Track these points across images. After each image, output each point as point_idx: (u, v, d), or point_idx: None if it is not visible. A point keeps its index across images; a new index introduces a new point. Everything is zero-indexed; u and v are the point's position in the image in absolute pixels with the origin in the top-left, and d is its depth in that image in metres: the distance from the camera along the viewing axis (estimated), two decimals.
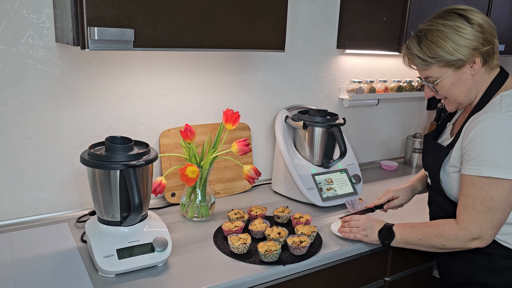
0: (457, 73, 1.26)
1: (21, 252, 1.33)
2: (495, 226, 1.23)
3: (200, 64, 1.78)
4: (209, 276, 1.24)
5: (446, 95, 1.32)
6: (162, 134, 1.73)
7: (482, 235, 1.23)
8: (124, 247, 1.24)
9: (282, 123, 1.90)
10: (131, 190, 1.21)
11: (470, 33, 1.22)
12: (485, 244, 1.25)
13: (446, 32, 1.23)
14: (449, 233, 1.27)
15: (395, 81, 2.35)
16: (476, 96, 1.31)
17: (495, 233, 1.24)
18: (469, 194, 1.23)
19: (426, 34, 1.26)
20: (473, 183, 1.22)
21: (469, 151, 1.23)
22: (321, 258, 1.39)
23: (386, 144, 2.53)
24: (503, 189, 1.19)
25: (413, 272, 1.69)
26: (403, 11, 1.79)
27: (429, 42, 1.24)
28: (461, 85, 1.28)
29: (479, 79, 1.29)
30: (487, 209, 1.21)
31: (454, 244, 1.27)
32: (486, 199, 1.20)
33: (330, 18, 2.08)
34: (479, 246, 1.25)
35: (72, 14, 1.17)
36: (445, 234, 1.28)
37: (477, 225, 1.23)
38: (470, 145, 1.22)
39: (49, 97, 1.50)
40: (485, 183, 1.20)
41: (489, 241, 1.25)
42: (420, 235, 1.33)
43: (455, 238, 1.26)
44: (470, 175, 1.23)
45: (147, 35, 1.23)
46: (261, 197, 1.88)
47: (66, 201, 1.60)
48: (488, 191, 1.20)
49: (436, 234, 1.30)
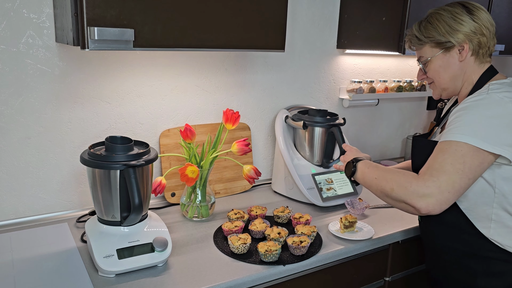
0: (446, 56, 1.33)
1: (21, 252, 1.33)
2: (454, 192, 1.16)
3: (200, 64, 1.78)
4: (209, 276, 1.24)
5: (433, 78, 1.38)
6: (162, 134, 1.73)
7: (435, 194, 1.15)
8: (124, 247, 1.24)
9: (282, 123, 1.90)
10: (131, 190, 1.21)
11: (465, 20, 1.30)
12: (432, 209, 1.16)
13: (444, 16, 1.32)
14: (404, 179, 1.20)
15: (395, 81, 2.35)
16: (462, 87, 1.35)
17: (449, 201, 1.17)
18: (440, 155, 1.19)
19: (428, 17, 1.36)
20: (449, 146, 1.18)
21: (452, 124, 1.22)
22: (321, 258, 1.39)
23: (386, 144, 2.53)
24: (477, 159, 1.16)
25: (413, 272, 1.69)
26: (403, 11, 1.79)
27: (427, 23, 1.35)
28: (448, 69, 1.34)
29: (467, 67, 1.33)
30: (455, 171, 1.15)
31: (401, 192, 1.19)
32: (458, 162, 1.16)
33: (330, 18, 2.08)
34: (423, 208, 1.16)
35: (72, 14, 1.17)
36: (399, 181, 1.21)
37: (437, 181, 1.16)
38: (453, 119, 1.22)
39: (49, 97, 1.50)
40: (462, 148, 1.16)
41: (439, 207, 1.16)
42: (377, 175, 1.29)
43: (405, 185, 1.19)
44: (448, 140, 1.19)
45: (147, 35, 1.23)
46: (261, 197, 1.88)
47: (66, 201, 1.60)
48: (463, 155, 1.16)
49: (392, 178, 1.23)
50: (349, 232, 1.52)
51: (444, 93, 1.40)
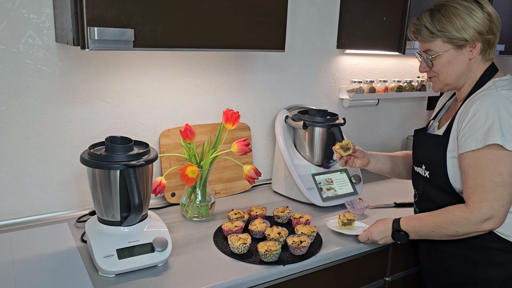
0: (457, 53, 1.30)
1: (21, 252, 1.33)
2: (506, 203, 1.21)
3: (200, 64, 1.78)
4: (209, 276, 1.24)
5: (439, 72, 1.34)
6: (162, 134, 1.73)
7: (494, 214, 1.21)
8: (124, 247, 1.24)
9: (282, 123, 1.90)
10: (131, 190, 1.21)
11: (480, 17, 1.27)
12: (498, 224, 1.22)
13: (459, 10, 1.27)
14: (460, 218, 1.25)
15: (395, 81, 2.35)
16: (465, 83, 1.35)
17: (507, 211, 1.22)
18: (476, 174, 1.22)
19: (440, 8, 1.30)
20: (479, 161, 1.21)
21: (471, 126, 1.23)
22: (321, 258, 1.39)
23: (386, 144, 2.52)
24: (510, 163, 1.19)
25: (413, 272, 1.69)
26: (403, 11, 1.79)
27: (441, 16, 1.29)
28: (456, 66, 1.32)
29: (473, 66, 1.32)
30: (496, 185, 1.19)
31: (466, 228, 1.24)
32: (494, 175, 1.19)
33: (330, 18, 2.08)
34: (492, 228, 1.23)
35: (72, 14, 1.17)
36: (456, 220, 1.25)
37: (488, 204, 1.21)
38: (471, 121, 1.23)
39: (49, 97, 1.50)
40: (491, 159, 1.19)
41: (502, 220, 1.22)
42: (432, 227, 1.31)
43: (466, 222, 1.24)
44: (475, 151, 1.21)
45: (147, 35, 1.23)
46: (261, 197, 1.88)
47: (66, 201, 1.60)
48: (496, 167, 1.19)
49: (447, 222, 1.27)
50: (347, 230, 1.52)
51: (446, 88, 1.38)
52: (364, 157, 1.57)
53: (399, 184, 2.02)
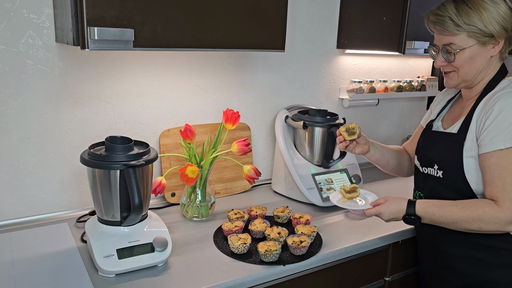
0: (480, 49, 1.25)
1: (21, 252, 1.33)
2: None
3: (200, 64, 1.78)
4: (209, 276, 1.24)
5: (460, 68, 1.28)
6: (162, 134, 1.73)
7: None
8: (124, 247, 1.24)
9: (282, 123, 1.90)
10: (131, 190, 1.21)
11: (506, 12, 1.23)
12: None
13: (486, 3, 1.22)
14: (490, 215, 1.19)
15: (395, 81, 2.35)
16: (480, 81, 1.31)
17: None
18: (506, 173, 1.18)
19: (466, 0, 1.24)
20: (507, 159, 1.18)
21: (497, 125, 1.20)
22: (321, 258, 1.39)
23: (386, 144, 2.51)
24: None
25: (413, 272, 1.69)
26: (403, 11, 1.79)
27: (468, 8, 1.22)
28: (478, 62, 1.27)
29: (492, 64, 1.29)
30: None
31: (492, 227, 1.20)
32: None
33: (330, 18, 2.08)
34: None
35: (72, 14, 1.17)
36: (485, 218, 1.20)
37: None
38: (496, 120, 1.20)
39: (49, 97, 1.50)
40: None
41: None
42: (455, 219, 1.23)
43: (495, 220, 1.19)
44: (503, 150, 1.18)
45: (147, 35, 1.23)
46: (261, 197, 1.88)
47: (66, 201, 1.60)
48: None
49: (474, 217, 1.21)
50: (351, 202, 1.40)
51: (462, 85, 1.33)
52: (365, 144, 1.50)
53: (399, 184, 2.02)
